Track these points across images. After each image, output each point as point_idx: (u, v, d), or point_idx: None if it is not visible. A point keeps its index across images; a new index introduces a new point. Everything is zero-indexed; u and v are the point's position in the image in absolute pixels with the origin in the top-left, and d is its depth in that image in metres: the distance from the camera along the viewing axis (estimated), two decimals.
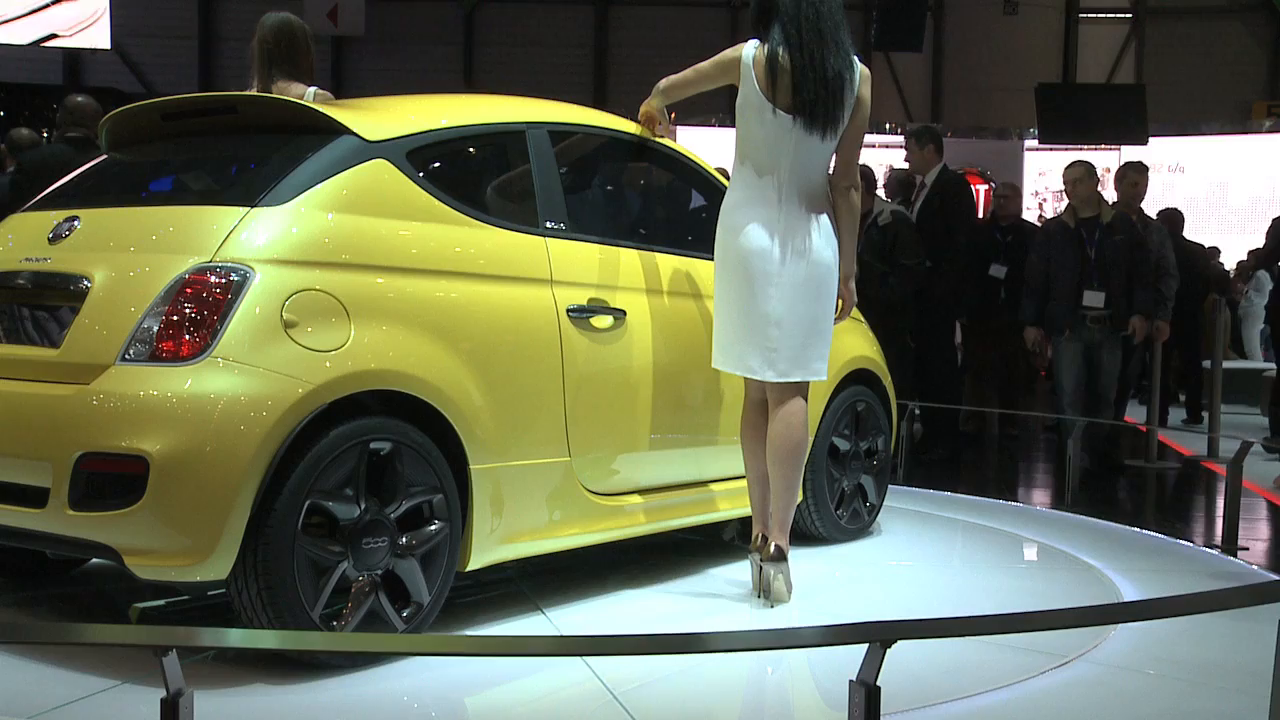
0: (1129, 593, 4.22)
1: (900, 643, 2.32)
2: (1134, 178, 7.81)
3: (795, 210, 3.81)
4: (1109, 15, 20.67)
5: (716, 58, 3.93)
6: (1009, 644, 3.38)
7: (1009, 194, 9.09)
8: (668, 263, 4.12)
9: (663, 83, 4.12)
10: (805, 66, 3.72)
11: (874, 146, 18.12)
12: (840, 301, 3.99)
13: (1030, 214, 13.47)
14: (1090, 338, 6.98)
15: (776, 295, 3.80)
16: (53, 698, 2.80)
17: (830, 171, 3.92)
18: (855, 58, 3.82)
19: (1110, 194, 8.42)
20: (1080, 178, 7.05)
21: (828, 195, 3.89)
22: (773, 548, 3.81)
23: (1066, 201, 7.30)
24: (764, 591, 3.83)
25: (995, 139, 16.76)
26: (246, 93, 4.03)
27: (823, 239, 3.83)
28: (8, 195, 5.58)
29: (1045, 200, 15.97)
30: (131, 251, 3.18)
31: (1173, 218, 9.38)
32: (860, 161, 4.06)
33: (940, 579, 4.52)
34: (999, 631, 3.04)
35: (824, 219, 3.85)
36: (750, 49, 3.83)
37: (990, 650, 3.37)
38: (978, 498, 6.40)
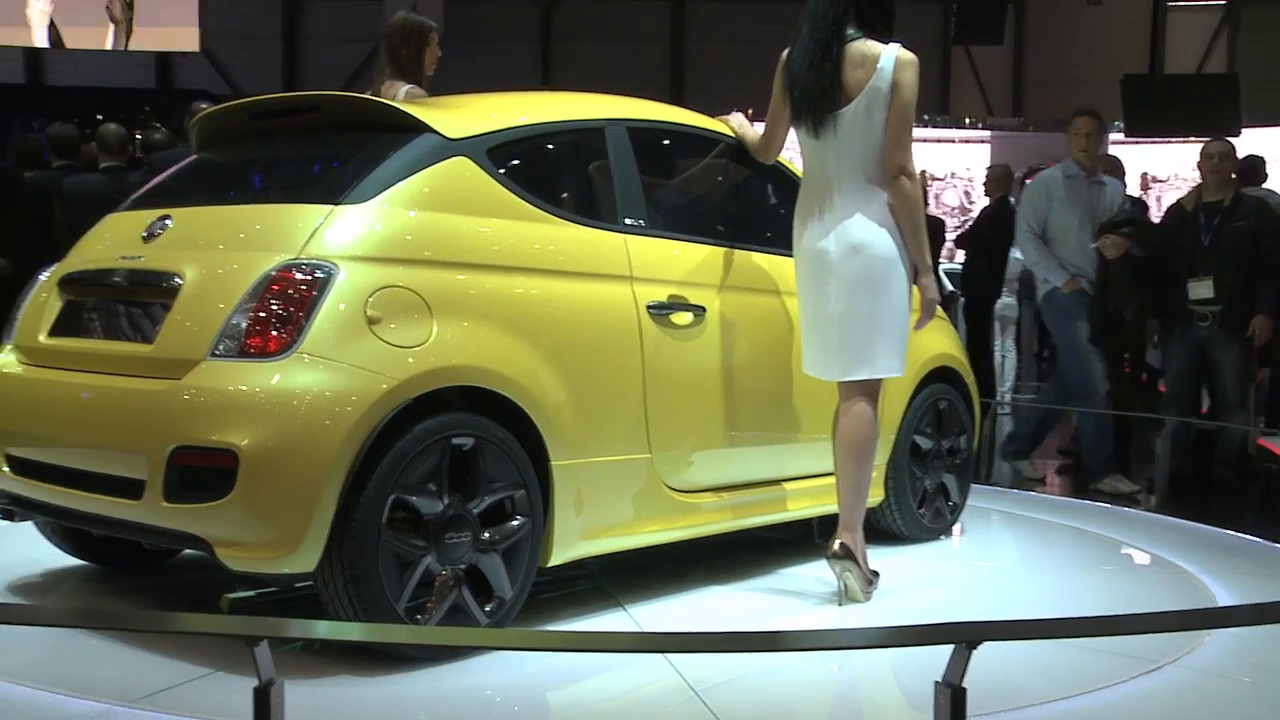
0: (1224, 598, 4.11)
1: (986, 644, 2.28)
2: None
3: (847, 206, 3.78)
4: (1200, 2, 20.13)
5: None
6: (1098, 647, 3.30)
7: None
8: (747, 259, 4.10)
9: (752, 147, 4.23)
10: (795, 66, 3.81)
11: (954, 142, 17.89)
12: (922, 298, 3.94)
13: None
14: (1199, 334, 6.37)
15: (834, 294, 3.79)
16: (151, 683, 2.87)
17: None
18: (885, 43, 3.75)
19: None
20: (1222, 153, 6.41)
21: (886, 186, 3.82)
22: (837, 545, 3.77)
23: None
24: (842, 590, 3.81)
25: None
26: (330, 92, 4.09)
27: (878, 233, 3.77)
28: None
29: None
30: (221, 249, 3.24)
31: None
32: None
33: (1025, 580, 4.44)
34: (1088, 634, 2.97)
35: (880, 212, 3.78)
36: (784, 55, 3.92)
37: (1078, 653, 3.30)
38: (1063, 498, 6.28)
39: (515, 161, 3.54)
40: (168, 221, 3.40)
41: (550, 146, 3.77)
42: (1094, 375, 6.44)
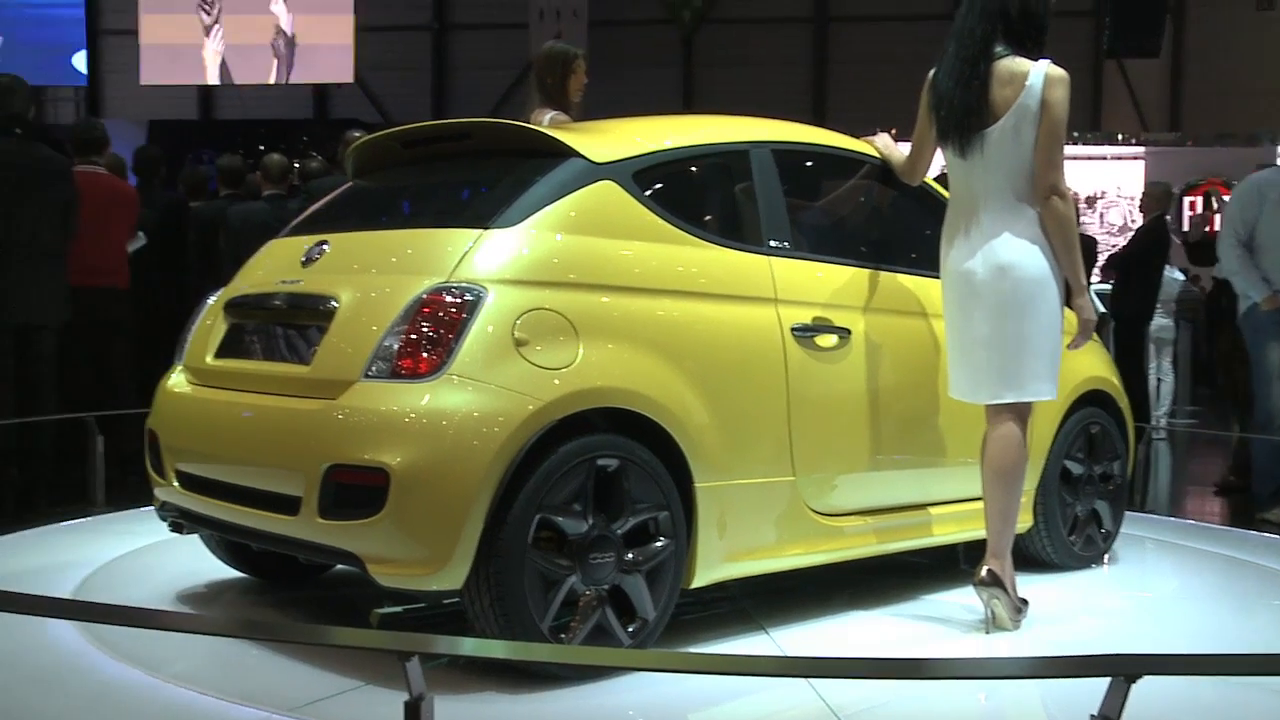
0: None
1: (1145, 678, 2.19)
2: None
3: (994, 225, 3.71)
4: None
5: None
6: (1268, 686, 3.14)
7: None
8: (892, 281, 4.05)
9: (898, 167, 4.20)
10: (941, 85, 3.77)
11: (1106, 159, 17.36)
12: (1079, 319, 3.84)
13: None
14: None
15: (981, 315, 3.72)
16: (307, 694, 2.97)
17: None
18: (1034, 60, 3.68)
19: None
20: None
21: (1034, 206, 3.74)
22: (984, 572, 3.69)
23: None
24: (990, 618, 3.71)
25: (1242, 146, 15.71)
26: (480, 119, 4.19)
27: (1027, 253, 3.69)
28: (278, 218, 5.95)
29: None
30: (374, 273, 3.34)
31: None
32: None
33: (1184, 613, 4.26)
34: (1257, 672, 2.82)
35: (1029, 230, 3.71)
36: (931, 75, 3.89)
37: (1246, 692, 3.14)
38: (1225, 527, 6.01)
39: (660, 185, 3.57)
40: (325, 246, 3.53)
41: (694, 170, 3.80)
42: (1273, 403, 6.14)
